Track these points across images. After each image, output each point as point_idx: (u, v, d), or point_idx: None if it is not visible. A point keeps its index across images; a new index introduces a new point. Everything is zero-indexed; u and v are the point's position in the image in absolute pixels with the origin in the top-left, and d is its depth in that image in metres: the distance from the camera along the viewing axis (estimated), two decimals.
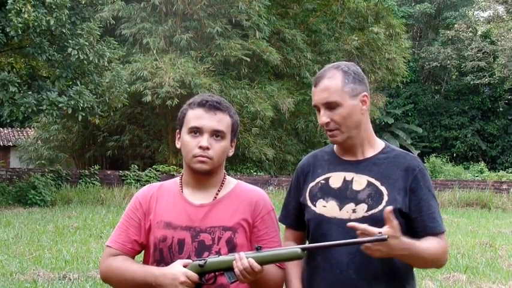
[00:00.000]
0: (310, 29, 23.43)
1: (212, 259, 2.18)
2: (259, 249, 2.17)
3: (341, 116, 2.26)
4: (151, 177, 18.41)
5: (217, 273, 2.20)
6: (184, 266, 2.18)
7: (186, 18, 20.16)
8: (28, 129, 27.68)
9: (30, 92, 14.66)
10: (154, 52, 19.26)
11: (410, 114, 35.09)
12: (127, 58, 18.96)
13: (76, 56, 14.53)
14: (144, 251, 2.38)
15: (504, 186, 20.93)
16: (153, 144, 20.86)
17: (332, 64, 2.37)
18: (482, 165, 29.60)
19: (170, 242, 2.27)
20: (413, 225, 2.27)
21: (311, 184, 2.37)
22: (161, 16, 20.30)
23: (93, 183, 17.86)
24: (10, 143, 28.39)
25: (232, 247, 2.25)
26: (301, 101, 21.55)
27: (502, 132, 34.82)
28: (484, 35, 35.36)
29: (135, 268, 2.27)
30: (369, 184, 2.29)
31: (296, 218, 2.43)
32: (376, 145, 2.37)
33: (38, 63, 16.03)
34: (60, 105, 14.41)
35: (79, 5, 15.49)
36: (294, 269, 2.34)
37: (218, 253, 2.23)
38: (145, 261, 2.36)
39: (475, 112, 35.03)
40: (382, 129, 33.15)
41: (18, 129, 29.52)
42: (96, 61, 15.00)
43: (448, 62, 34.47)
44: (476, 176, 25.55)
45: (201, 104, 2.29)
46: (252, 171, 21.05)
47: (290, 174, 20.48)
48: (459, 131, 34.65)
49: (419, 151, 32.95)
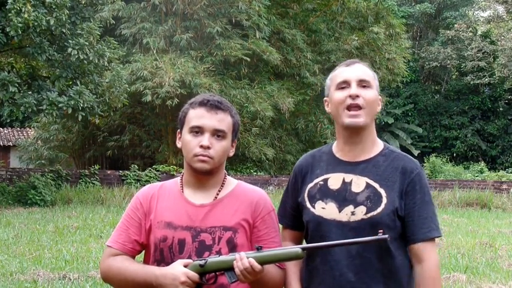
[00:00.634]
0: (310, 29, 23.42)
1: (213, 259, 2.18)
2: (259, 249, 2.17)
3: (370, 97, 2.30)
4: (151, 177, 18.40)
5: (217, 273, 2.20)
6: (184, 266, 2.18)
7: (186, 18, 20.15)
8: (28, 129, 27.65)
9: (30, 92, 14.63)
10: (154, 52, 19.25)
11: (410, 114, 35.08)
12: (127, 58, 18.93)
13: (76, 56, 14.52)
14: (145, 251, 2.37)
15: (504, 186, 20.92)
16: (153, 144, 20.85)
17: None
18: (482, 165, 29.58)
19: (171, 242, 2.27)
20: (405, 229, 2.26)
21: (310, 185, 2.37)
22: (161, 16, 20.29)
23: (93, 183, 17.85)
24: (10, 143, 28.38)
25: (232, 247, 2.25)
26: (301, 101, 21.54)
27: (502, 132, 34.82)
28: (484, 35, 35.33)
29: (136, 268, 2.27)
30: (368, 186, 2.28)
31: (293, 218, 2.42)
32: (376, 146, 2.37)
33: (38, 63, 16.00)
34: (60, 105, 14.39)
35: (79, 5, 15.48)
36: (293, 271, 2.34)
37: (219, 253, 2.23)
38: (145, 261, 2.36)
39: (475, 112, 35.02)
40: (382, 129, 33.13)
41: (18, 129, 29.47)
42: (96, 61, 14.98)
43: (448, 62, 34.44)
44: (476, 176, 25.51)
45: (203, 104, 2.29)
46: (252, 171, 21.05)
47: (290, 174, 20.39)
48: (459, 131, 34.63)
49: (419, 151, 32.96)
